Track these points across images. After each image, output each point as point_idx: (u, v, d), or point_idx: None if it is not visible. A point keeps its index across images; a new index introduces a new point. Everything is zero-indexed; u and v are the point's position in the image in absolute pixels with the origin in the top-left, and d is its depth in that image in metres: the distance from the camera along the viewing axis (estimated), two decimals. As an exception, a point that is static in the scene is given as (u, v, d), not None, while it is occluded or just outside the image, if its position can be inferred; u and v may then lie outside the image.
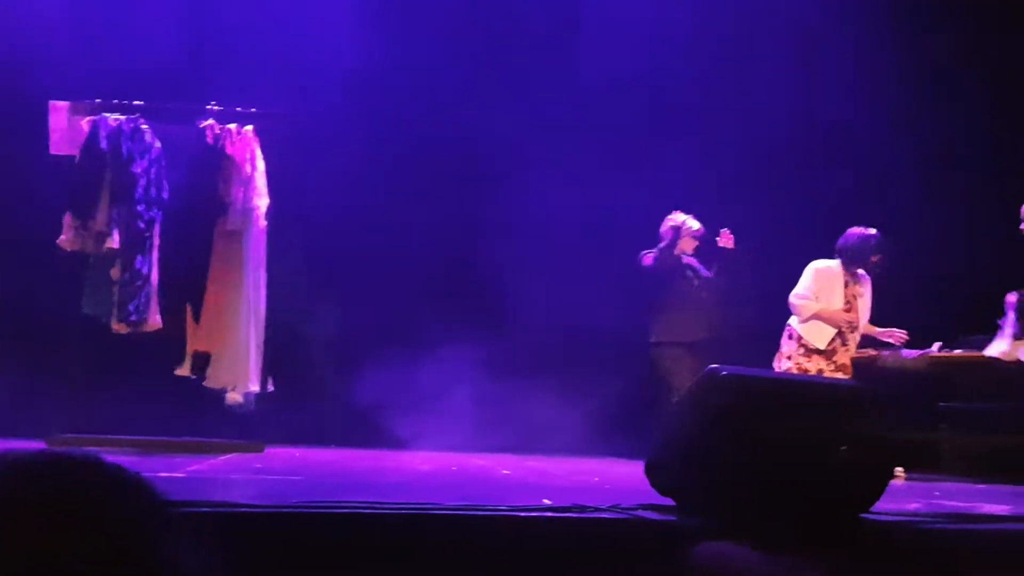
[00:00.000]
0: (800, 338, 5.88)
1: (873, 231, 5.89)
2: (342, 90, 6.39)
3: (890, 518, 3.00)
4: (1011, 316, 6.04)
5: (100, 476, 1.08)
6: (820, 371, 5.84)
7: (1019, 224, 5.65)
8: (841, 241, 5.91)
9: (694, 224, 6.20)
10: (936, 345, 6.41)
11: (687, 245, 6.19)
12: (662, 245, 6.10)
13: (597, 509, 2.71)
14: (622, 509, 2.75)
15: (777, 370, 5.84)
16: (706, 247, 6.20)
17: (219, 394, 5.63)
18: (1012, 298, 5.96)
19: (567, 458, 5.91)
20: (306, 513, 2.49)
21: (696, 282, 6.16)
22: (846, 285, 5.91)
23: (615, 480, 4.44)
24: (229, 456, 5.04)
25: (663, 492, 3.00)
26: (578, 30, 7.09)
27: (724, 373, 2.94)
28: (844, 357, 5.89)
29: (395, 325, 6.63)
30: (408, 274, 6.79)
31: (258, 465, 4.57)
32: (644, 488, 3.03)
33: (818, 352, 5.84)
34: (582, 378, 6.83)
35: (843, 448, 2.86)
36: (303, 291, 6.18)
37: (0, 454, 1.07)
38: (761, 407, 2.87)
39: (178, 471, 3.96)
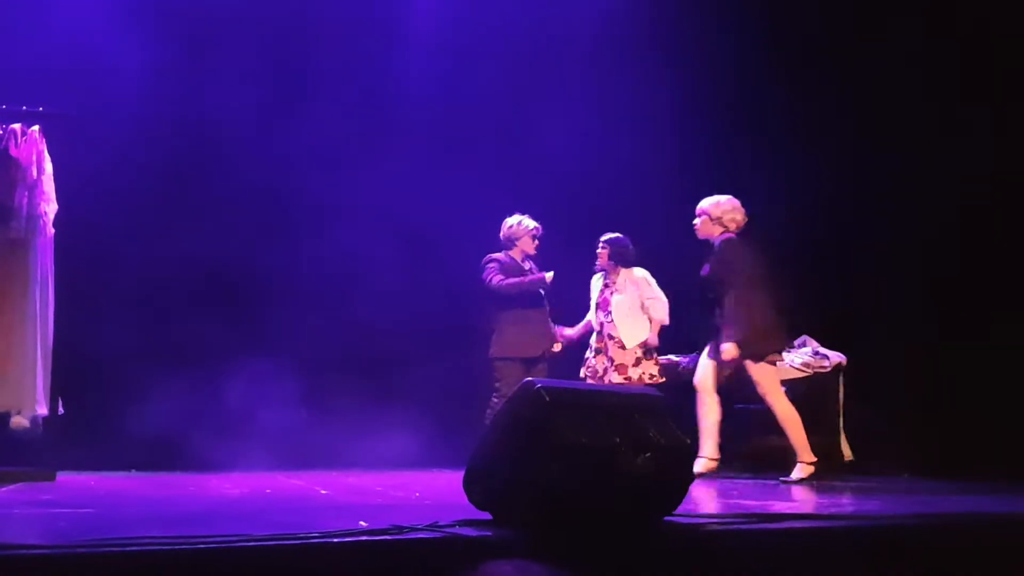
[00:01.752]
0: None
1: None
2: (125, 92, 6.04)
3: (692, 520, 3.12)
4: (809, 347, 6.55)
5: None
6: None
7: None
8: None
9: (530, 223, 6.19)
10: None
11: (527, 246, 6.18)
12: (517, 281, 6.02)
13: (414, 529, 2.66)
14: (439, 527, 2.71)
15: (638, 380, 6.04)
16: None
17: (3, 418, 5.18)
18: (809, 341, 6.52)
19: (391, 472, 5.81)
20: (96, 553, 2.28)
21: (542, 292, 6.14)
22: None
23: (437, 494, 4.39)
24: (14, 486, 4.62)
25: (480, 506, 3.01)
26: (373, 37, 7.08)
27: (537, 385, 2.99)
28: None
29: (195, 340, 6.32)
30: (205, 286, 6.51)
31: (46, 496, 4.19)
32: (465, 502, 3.01)
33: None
34: (404, 386, 6.79)
35: (646, 455, 2.96)
36: (94, 305, 5.77)
37: None
38: (566, 418, 2.93)
39: (-51, 508, 3.56)
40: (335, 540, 2.51)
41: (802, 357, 6.53)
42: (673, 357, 6.77)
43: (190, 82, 6.43)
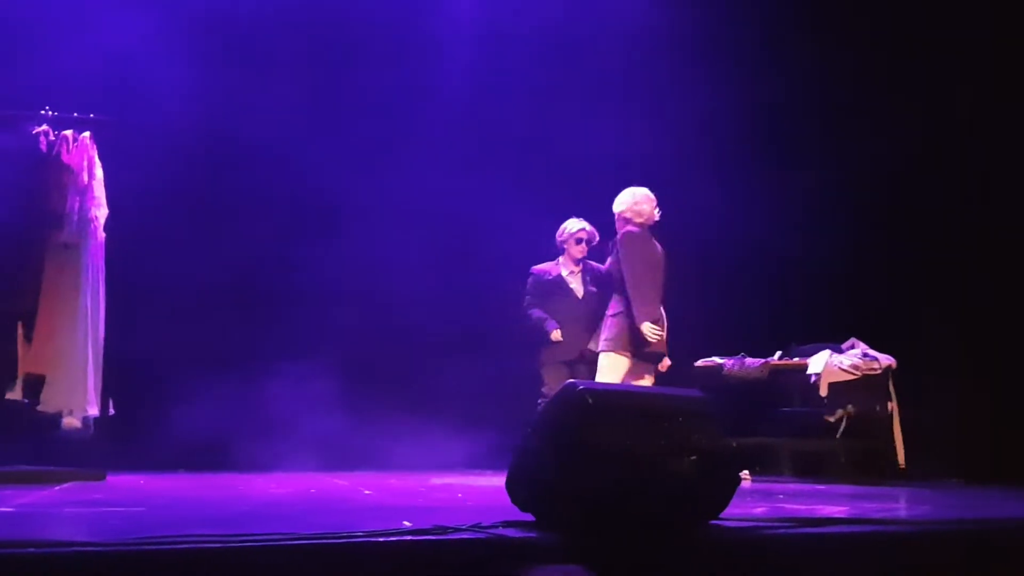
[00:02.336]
0: None
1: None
2: (169, 100, 6.15)
3: (739, 524, 3.08)
4: (858, 349, 6.46)
5: None
6: None
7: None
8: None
9: (573, 226, 6.06)
10: (777, 353, 6.74)
11: (573, 251, 6.14)
12: (528, 318, 5.98)
13: (457, 529, 2.67)
14: (482, 528, 2.72)
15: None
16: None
17: (55, 419, 5.30)
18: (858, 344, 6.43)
19: (432, 473, 5.84)
20: (148, 551, 2.32)
21: (580, 295, 6.10)
22: None
23: (479, 496, 4.41)
24: (66, 486, 4.72)
25: (523, 508, 3.01)
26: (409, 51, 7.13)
27: (579, 388, 2.98)
28: None
29: (239, 342, 6.42)
30: (249, 289, 6.60)
31: (98, 495, 4.29)
32: (507, 504, 3.01)
33: None
34: (445, 388, 6.82)
35: (691, 458, 2.93)
36: (143, 307, 5.88)
37: None
38: (609, 421, 2.92)
39: (5, 505, 3.65)
40: (380, 540, 2.53)
41: (851, 359, 6.43)
42: (716, 359, 6.73)
43: (228, 90, 6.53)
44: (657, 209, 5.44)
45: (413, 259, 6.82)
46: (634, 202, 5.43)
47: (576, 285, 6.07)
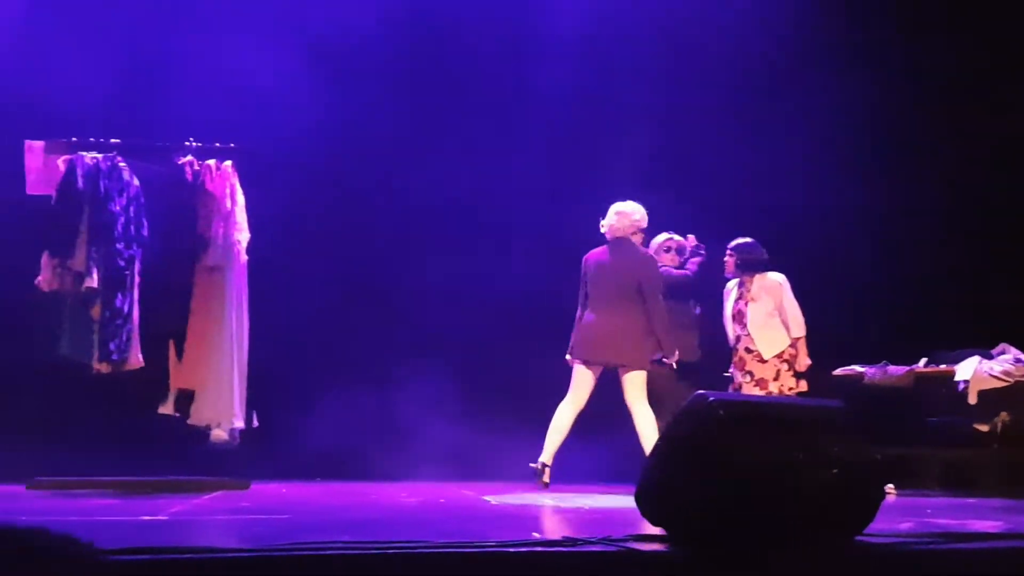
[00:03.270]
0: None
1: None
2: (304, 128, 6.41)
3: (885, 540, 2.98)
4: (1009, 355, 6.14)
5: (43, 550, 1.08)
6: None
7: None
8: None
9: (660, 236, 6.23)
10: (923, 360, 6.46)
11: (665, 260, 6.17)
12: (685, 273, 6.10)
13: (587, 542, 2.68)
14: (612, 541, 2.71)
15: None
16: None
17: (203, 431, 5.58)
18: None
19: (558, 484, 5.87)
20: (293, 556, 2.45)
21: (692, 301, 6.14)
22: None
23: (607, 509, 4.40)
24: (214, 494, 4.99)
25: (654, 522, 2.97)
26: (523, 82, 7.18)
27: (711, 399, 2.93)
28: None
29: (371, 356, 6.63)
30: (383, 305, 6.79)
31: (244, 503, 4.52)
32: (637, 517, 3.01)
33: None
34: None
35: (833, 471, 2.84)
36: (283, 325, 6.16)
37: None
38: (741, 433, 2.85)
39: (161, 513, 3.90)
40: (510, 550, 2.56)
41: (1002, 365, 6.11)
42: (857, 367, 6.50)
43: (349, 113, 6.76)
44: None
45: (537, 267, 6.86)
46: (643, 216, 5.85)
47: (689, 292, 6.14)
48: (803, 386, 6.00)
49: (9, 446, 5.55)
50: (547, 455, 5.74)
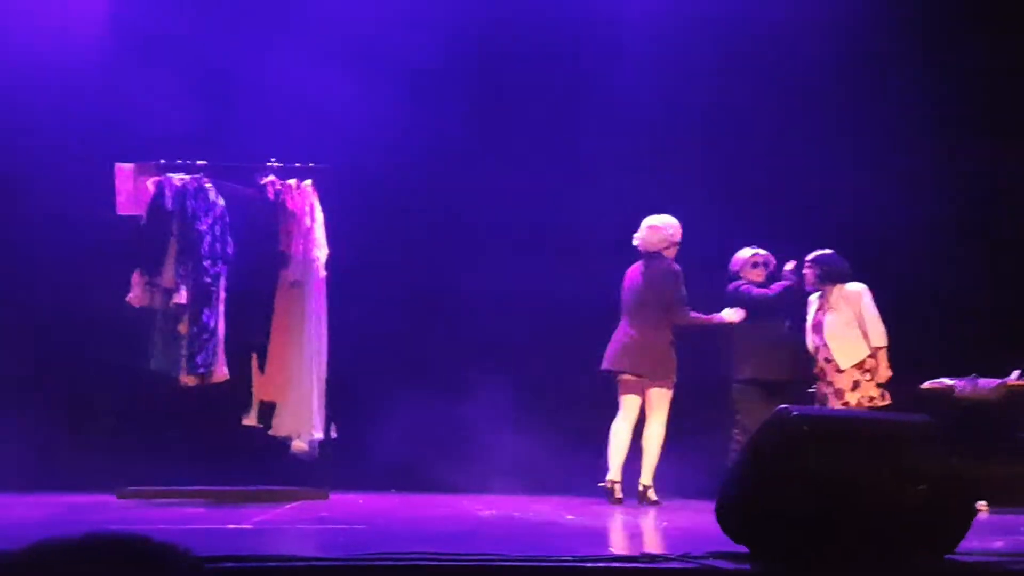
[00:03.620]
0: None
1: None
2: (378, 147, 6.52)
3: (976, 558, 2.90)
4: None
5: (143, 560, 1.14)
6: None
7: None
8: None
9: (746, 252, 6.15)
10: (1015, 373, 6.24)
11: (753, 275, 6.11)
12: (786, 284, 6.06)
13: (666, 558, 2.66)
14: (692, 558, 2.69)
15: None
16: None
17: (284, 442, 5.72)
18: None
19: (632, 500, 5.84)
20: (373, 566, 2.51)
21: (786, 319, 6.07)
22: None
23: (685, 525, 4.36)
24: (295, 504, 5.10)
25: (735, 539, 2.93)
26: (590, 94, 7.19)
27: (794, 413, 2.88)
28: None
29: (449, 370, 6.69)
30: (457, 319, 6.86)
31: (324, 513, 4.61)
32: (716, 534, 2.97)
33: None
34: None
35: (922, 487, 2.77)
36: (361, 338, 6.27)
37: (46, 540, 1.14)
38: (833, 448, 2.79)
39: (245, 522, 4.02)
40: (587, 565, 2.57)
41: None
42: (946, 380, 6.30)
43: (423, 133, 6.85)
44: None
45: (613, 279, 6.86)
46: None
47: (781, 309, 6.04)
48: (886, 398, 5.86)
49: (101, 456, 5.78)
50: (614, 472, 5.78)
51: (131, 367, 5.67)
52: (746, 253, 6.15)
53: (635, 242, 6.00)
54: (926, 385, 6.33)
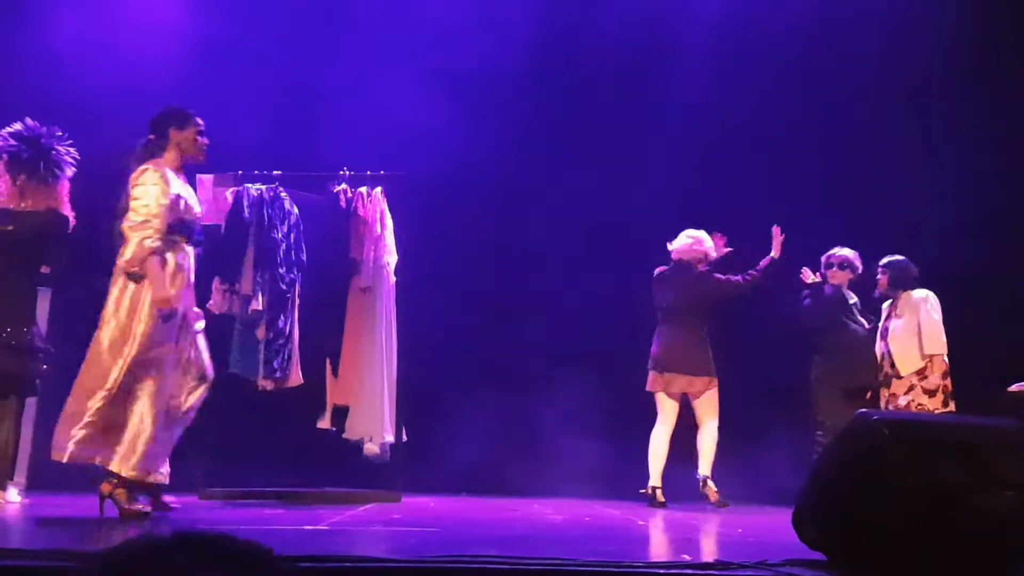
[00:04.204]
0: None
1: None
2: (448, 153, 6.59)
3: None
4: None
5: (230, 558, 1.18)
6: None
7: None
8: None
9: (846, 252, 6.11)
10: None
11: (839, 278, 6.05)
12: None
13: (742, 566, 2.62)
14: (769, 566, 2.65)
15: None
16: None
17: (358, 445, 5.82)
18: None
19: (702, 505, 5.80)
20: (444, 569, 2.55)
21: (866, 324, 6.02)
22: None
23: (761, 532, 4.31)
24: (368, 506, 5.19)
25: (813, 546, 2.88)
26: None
27: (875, 418, 2.82)
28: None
29: (518, 373, 6.73)
30: (526, 323, 6.89)
31: (396, 516, 4.68)
32: (793, 541, 2.93)
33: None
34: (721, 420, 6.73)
35: (1009, 494, 2.70)
36: (430, 343, 6.35)
37: (137, 538, 1.19)
38: (915, 453, 2.71)
39: (321, 523, 4.10)
40: (660, 572, 2.56)
41: None
42: None
43: (493, 140, 6.92)
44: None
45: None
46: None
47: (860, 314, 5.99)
48: (948, 406, 5.70)
49: (184, 458, 5.95)
50: (655, 479, 5.90)
51: (214, 371, 5.83)
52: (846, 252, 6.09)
53: (671, 248, 6.10)
54: (1014, 388, 6.14)
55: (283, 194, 5.76)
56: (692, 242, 6.06)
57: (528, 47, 6.94)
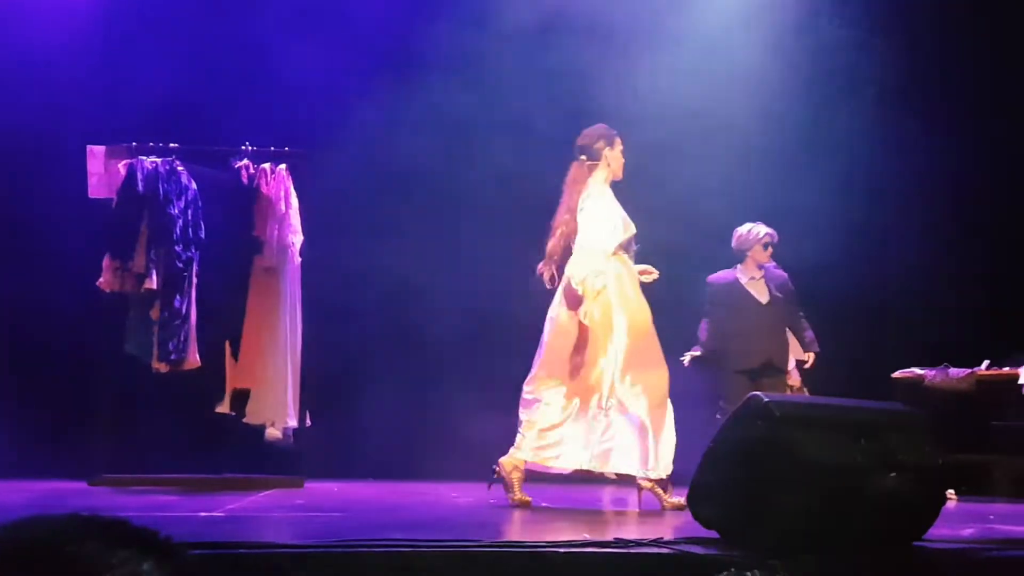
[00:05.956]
0: None
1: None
2: (357, 131, 6.45)
3: (945, 546, 2.92)
4: None
5: (135, 540, 1.11)
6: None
7: None
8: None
9: (761, 230, 5.93)
10: (984, 363, 6.30)
11: (760, 256, 5.97)
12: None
13: (639, 543, 2.67)
14: (664, 543, 2.71)
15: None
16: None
17: (259, 430, 5.67)
18: None
19: (607, 486, 5.85)
20: (347, 553, 2.48)
21: (764, 301, 5.97)
22: None
23: (658, 509, 4.38)
24: (269, 492, 5.06)
25: (706, 524, 2.95)
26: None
27: (765, 400, 2.89)
28: None
29: (425, 356, 6.66)
30: (439, 308, 6.81)
31: (299, 501, 4.58)
32: (688, 520, 2.99)
33: None
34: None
35: (892, 475, 2.79)
36: (335, 326, 6.22)
37: (32, 517, 1.12)
38: (803, 434, 2.81)
39: (217, 510, 3.97)
40: (561, 551, 2.58)
41: None
42: (917, 370, 6.36)
43: (404, 120, 6.79)
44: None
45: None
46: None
47: (759, 292, 5.94)
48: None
49: (72, 443, 5.70)
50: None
51: (103, 353, 5.59)
52: (761, 231, 5.90)
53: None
54: (898, 374, 6.39)
55: (180, 168, 5.53)
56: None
57: (449, 22, 6.83)
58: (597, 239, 4.43)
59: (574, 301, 4.45)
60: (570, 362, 4.48)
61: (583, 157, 4.59)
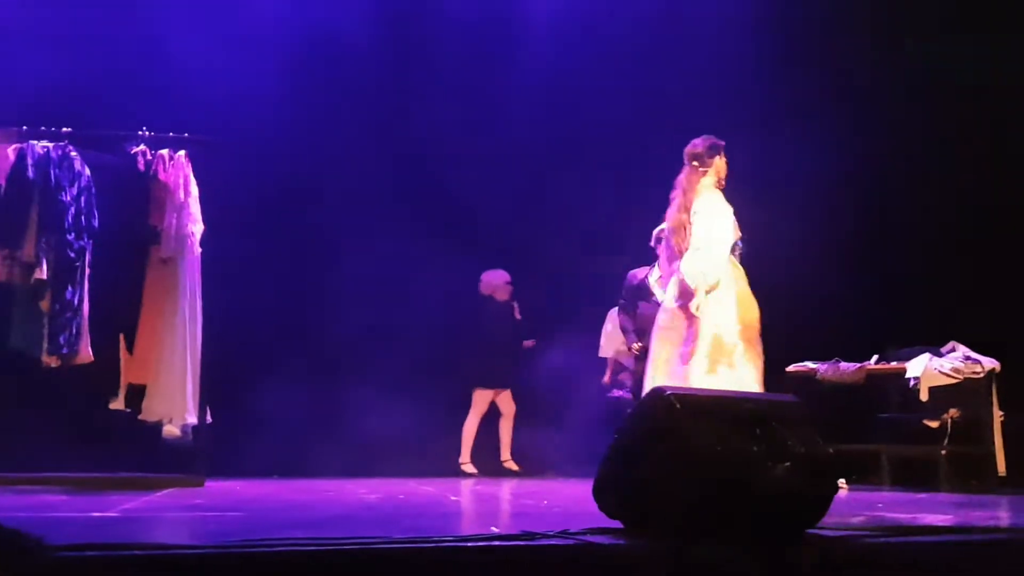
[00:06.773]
0: None
1: None
2: (259, 120, 6.31)
3: (836, 533, 3.00)
4: (959, 352, 6.22)
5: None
6: None
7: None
8: None
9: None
10: (874, 358, 6.54)
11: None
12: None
13: (545, 536, 2.68)
14: (570, 534, 2.72)
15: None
16: None
17: (155, 427, 5.48)
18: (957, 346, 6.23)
19: (516, 479, 5.87)
20: (244, 553, 2.39)
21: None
22: None
23: (565, 503, 4.41)
24: (167, 491, 4.90)
25: (611, 515, 2.99)
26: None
27: (667, 392, 2.94)
28: None
29: (330, 352, 6.56)
30: (342, 303, 6.73)
31: (197, 500, 4.43)
32: (593, 510, 3.01)
33: None
34: (524, 394, 6.85)
35: (786, 464, 2.86)
36: (238, 319, 6.06)
37: None
38: (699, 425, 2.87)
39: (111, 510, 3.81)
40: (469, 545, 2.55)
41: (952, 363, 6.18)
42: (809, 364, 6.57)
43: (309, 108, 6.70)
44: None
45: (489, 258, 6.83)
46: None
47: (660, 291, 6.04)
48: None
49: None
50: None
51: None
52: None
53: None
54: (791, 368, 6.58)
55: (73, 154, 5.29)
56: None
57: (354, 13, 6.73)
58: (714, 239, 4.76)
59: (687, 295, 4.74)
60: (677, 353, 4.74)
61: (695, 164, 4.97)
